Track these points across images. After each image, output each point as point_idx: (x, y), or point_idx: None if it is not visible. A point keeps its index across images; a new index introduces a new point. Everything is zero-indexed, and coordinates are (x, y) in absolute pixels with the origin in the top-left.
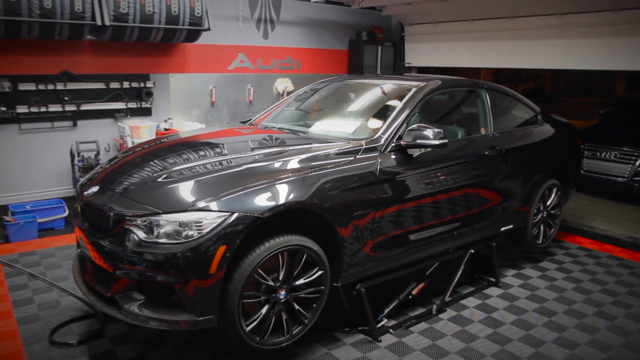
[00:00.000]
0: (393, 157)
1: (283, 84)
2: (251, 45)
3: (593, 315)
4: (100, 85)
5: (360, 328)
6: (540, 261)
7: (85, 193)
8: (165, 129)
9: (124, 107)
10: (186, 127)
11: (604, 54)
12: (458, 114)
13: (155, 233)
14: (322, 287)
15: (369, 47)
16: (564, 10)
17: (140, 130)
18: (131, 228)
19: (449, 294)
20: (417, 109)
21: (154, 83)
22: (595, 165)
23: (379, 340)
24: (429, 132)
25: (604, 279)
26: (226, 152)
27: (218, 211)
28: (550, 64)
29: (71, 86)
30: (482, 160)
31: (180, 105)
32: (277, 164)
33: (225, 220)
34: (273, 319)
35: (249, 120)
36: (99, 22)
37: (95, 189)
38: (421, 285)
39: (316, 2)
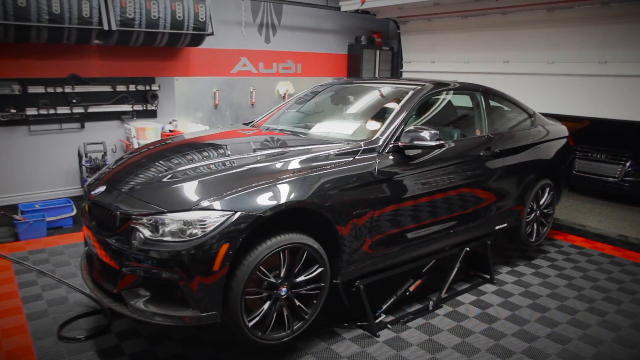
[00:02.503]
0: (391, 157)
1: (284, 86)
2: (253, 49)
3: (585, 311)
4: (107, 88)
5: (359, 323)
6: (533, 259)
7: (93, 193)
8: (170, 131)
9: (130, 109)
10: (190, 128)
11: (590, 101)
12: (454, 115)
13: (161, 231)
14: (322, 284)
15: (368, 51)
16: (555, 59)
17: (146, 132)
18: (137, 227)
19: (445, 290)
20: (414, 111)
21: (159, 86)
22: (587, 166)
23: (377, 335)
24: (425, 134)
25: (596, 276)
26: (229, 153)
27: (221, 210)
28: (541, 105)
29: (79, 89)
30: (477, 161)
31: (185, 107)
32: (278, 165)
33: (228, 219)
34: (274, 315)
35: (252, 122)
36: (105, 27)
37: (102, 188)
38: (418, 282)
39: (345, 11)
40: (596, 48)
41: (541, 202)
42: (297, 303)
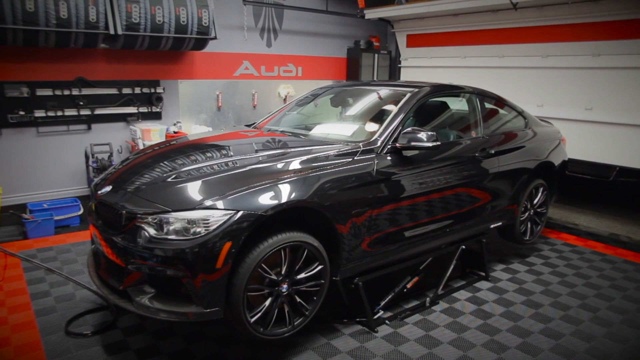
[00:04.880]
0: (389, 158)
1: (285, 89)
2: (255, 53)
3: (577, 307)
4: (113, 91)
5: (358, 319)
6: (527, 256)
7: (99, 192)
8: (175, 132)
9: (136, 111)
10: (194, 130)
11: (577, 144)
12: (450, 117)
13: (165, 230)
14: (322, 281)
15: (366, 54)
16: (544, 102)
17: (151, 133)
18: (142, 225)
19: (441, 287)
20: (411, 113)
21: (163, 89)
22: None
23: (375, 330)
24: (422, 135)
25: (588, 273)
26: (232, 153)
27: (224, 209)
28: None
29: (86, 92)
30: (473, 162)
31: (189, 109)
32: (279, 165)
33: (230, 218)
34: (276, 311)
35: (253, 123)
36: (112, 31)
37: (108, 188)
38: (415, 279)
39: (368, 19)
40: (583, 94)
41: (535, 202)
42: (298, 299)
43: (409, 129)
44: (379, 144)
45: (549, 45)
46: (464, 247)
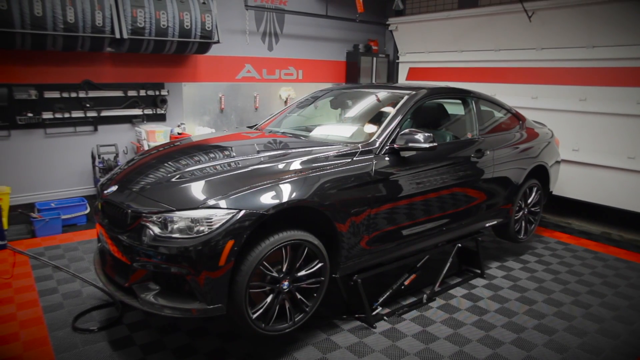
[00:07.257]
0: (387, 159)
1: (286, 92)
2: (257, 56)
3: (570, 304)
4: (118, 93)
5: (356, 315)
6: (521, 254)
7: (105, 192)
8: (179, 133)
9: (141, 113)
10: (197, 131)
11: (567, 182)
12: (447, 119)
13: (169, 229)
14: (322, 278)
15: (365, 58)
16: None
17: (156, 135)
18: (147, 224)
19: (438, 284)
20: (409, 114)
21: (168, 91)
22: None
23: (374, 326)
24: (419, 136)
25: (580, 271)
26: (234, 154)
27: (227, 209)
28: None
29: (92, 94)
30: (469, 162)
31: (192, 111)
32: (280, 165)
33: (233, 216)
34: (277, 307)
35: (255, 125)
36: (117, 35)
37: (114, 188)
38: (413, 276)
39: (387, 25)
40: (570, 135)
41: (529, 201)
42: (299, 296)
43: (407, 130)
44: (377, 145)
45: (538, 87)
46: (460, 245)
